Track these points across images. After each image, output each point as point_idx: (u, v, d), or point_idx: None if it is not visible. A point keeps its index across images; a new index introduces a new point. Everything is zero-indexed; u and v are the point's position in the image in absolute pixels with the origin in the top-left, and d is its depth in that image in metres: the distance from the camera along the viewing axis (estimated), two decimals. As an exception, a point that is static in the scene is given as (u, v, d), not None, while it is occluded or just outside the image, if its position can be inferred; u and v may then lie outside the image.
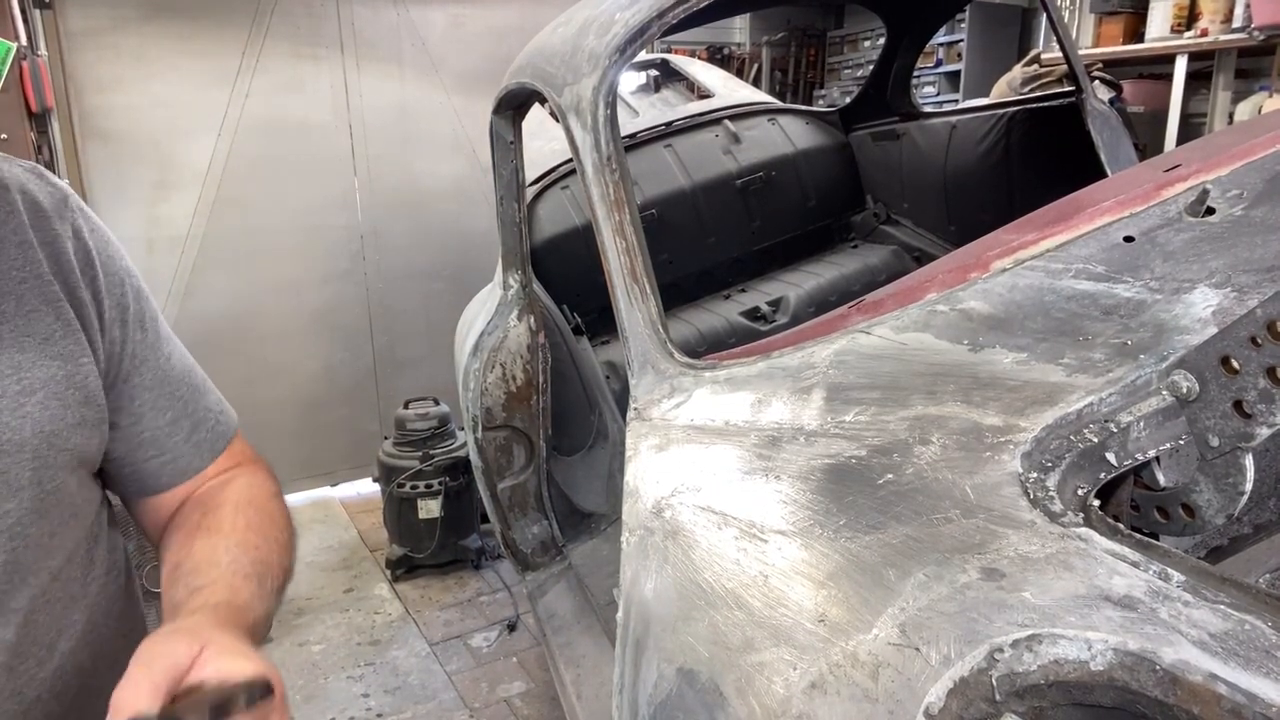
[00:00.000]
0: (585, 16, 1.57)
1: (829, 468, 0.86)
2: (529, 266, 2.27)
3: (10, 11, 3.08)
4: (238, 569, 0.80)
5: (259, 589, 0.80)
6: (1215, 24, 4.69)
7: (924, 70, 7.11)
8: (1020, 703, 0.58)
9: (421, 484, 3.22)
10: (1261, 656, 0.51)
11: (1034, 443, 0.75)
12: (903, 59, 3.08)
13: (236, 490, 0.92)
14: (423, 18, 3.90)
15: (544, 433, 2.31)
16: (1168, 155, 1.51)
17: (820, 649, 0.70)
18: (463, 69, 3.99)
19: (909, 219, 3.27)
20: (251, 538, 0.85)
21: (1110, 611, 0.57)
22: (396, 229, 4.02)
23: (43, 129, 3.29)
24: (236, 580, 0.79)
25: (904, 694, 0.62)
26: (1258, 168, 1.07)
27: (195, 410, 0.92)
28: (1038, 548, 0.65)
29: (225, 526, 0.85)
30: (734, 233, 3.21)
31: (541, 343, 2.26)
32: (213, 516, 0.87)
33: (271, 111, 3.68)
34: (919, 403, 0.87)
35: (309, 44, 3.71)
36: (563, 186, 2.95)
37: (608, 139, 1.36)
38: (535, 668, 2.79)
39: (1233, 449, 0.67)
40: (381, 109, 3.89)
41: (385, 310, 4.08)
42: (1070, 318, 0.91)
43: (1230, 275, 0.87)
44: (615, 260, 1.31)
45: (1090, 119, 2.27)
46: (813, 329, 1.14)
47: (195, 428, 0.92)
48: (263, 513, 0.90)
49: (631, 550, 1.00)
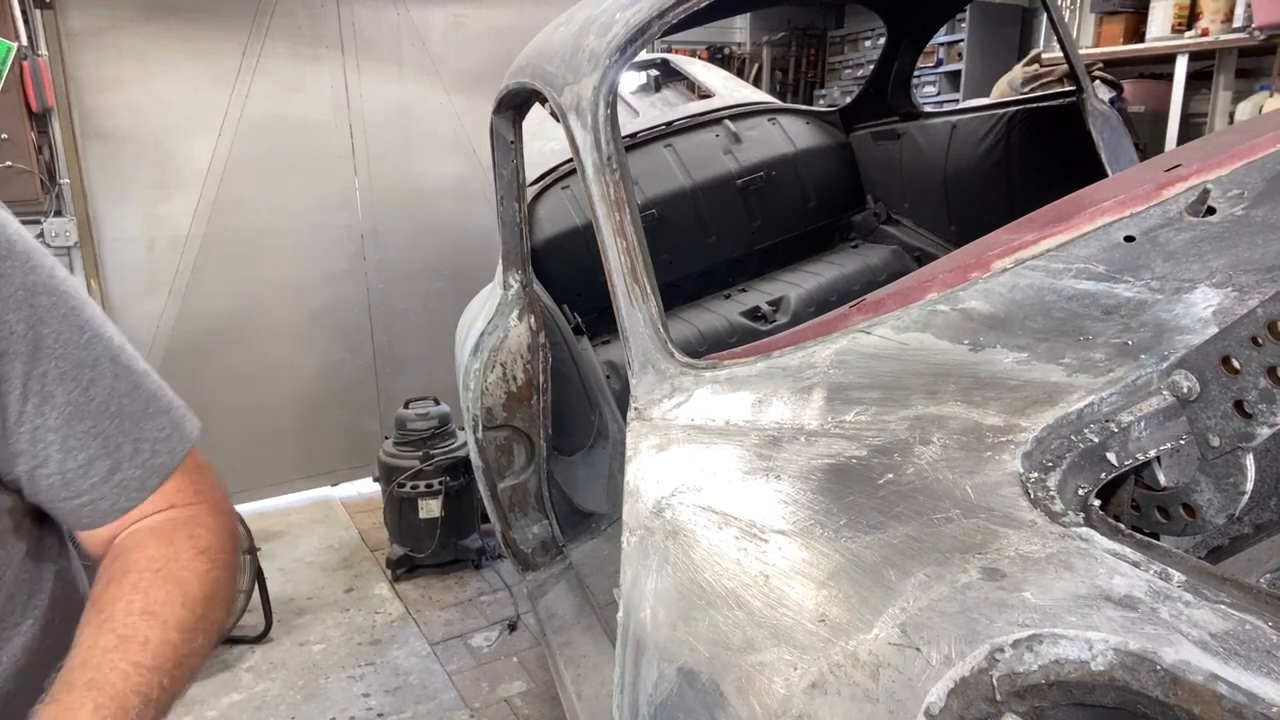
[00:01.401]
0: (586, 16, 1.57)
1: (829, 467, 0.86)
2: (529, 266, 2.27)
3: (10, 11, 3.08)
4: (113, 666, 0.72)
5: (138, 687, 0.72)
6: (1216, 24, 4.69)
7: (924, 70, 7.11)
8: (1021, 703, 0.58)
9: (422, 484, 3.22)
10: (1262, 656, 0.51)
11: (1035, 442, 0.75)
12: (903, 59, 3.08)
13: (146, 558, 0.82)
14: (423, 18, 3.90)
15: (544, 432, 2.31)
16: (1168, 155, 1.51)
17: (821, 649, 0.70)
18: (463, 69, 3.99)
19: (909, 219, 3.27)
20: (141, 627, 0.76)
21: (1111, 611, 0.57)
22: (396, 228, 4.02)
23: (43, 129, 3.30)
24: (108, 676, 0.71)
25: (905, 694, 0.62)
26: (1258, 167, 1.07)
27: (120, 446, 0.82)
28: (1038, 548, 0.65)
29: (118, 607, 0.77)
30: (734, 232, 3.21)
31: (542, 342, 2.26)
32: (110, 592, 0.79)
33: (272, 111, 3.68)
34: (919, 402, 0.87)
35: (309, 44, 3.71)
36: (563, 186, 2.95)
37: (608, 139, 1.35)
38: (536, 667, 2.79)
39: (1233, 449, 0.67)
40: (381, 109, 3.89)
41: (385, 310, 4.08)
42: (1071, 317, 0.91)
43: (1231, 275, 0.87)
44: (616, 260, 1.31)
45: (1091, 119, 2.27)
46: (813, 329, 1.14)
47: (116, 467, 0.82)
48: (170, 588, 0.80)
49: (632, 550, 1.00)
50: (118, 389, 0.83)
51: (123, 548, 0.83)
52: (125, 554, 0.82)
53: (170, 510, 0.86)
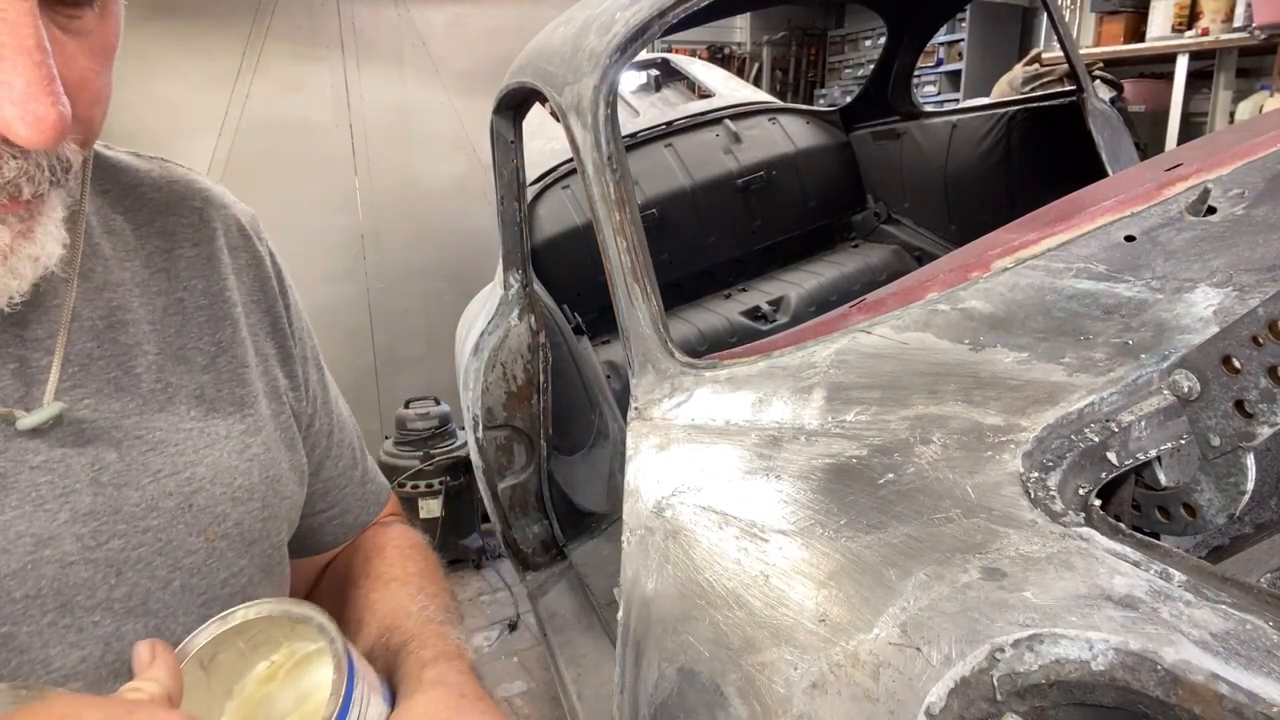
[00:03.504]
0: (586, 16, 1.56)
1: (830, 467, 0.86)
2: (529, 266, 2.27)
3: (10, 11, 3.08)
4: (429, 616, 0.70)
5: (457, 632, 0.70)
6: (1216, 23, 4.69)
7: (925, 69, 7.11)
8: (1021, 702, 0.58)
9: (422, 483, 3.22)
10: (1263, 656, 0.51)
11: (1035, 442, 0.75)
12: (903, 58, 3.07)
13: (396, 535, 0.82)
14: (423, 17, 3.90)
15: (544, 432, 2.31)
16: (1169, 154, 1.51)
17: (821, 649, 0.70)
18: (463, 69, 3.99)
19: (909, 218, 3.27)
20: (429, 585, 0.76)
21: (1111, 611, 0.57)
22: (397, 228, 4.02)
23: (43, 129, 3.29)
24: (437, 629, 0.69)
25: (905, 694, 0.62)
26: (1259, 167, 1.07)
27: (364, 454, 0.82)
28: (1039, 547, 0.65)
29: (398, 572, 0.76)
30: (735, 232, 3.21)
31: (542, 342, 2.26)
32: (379, 563, 0.77)
33: (271, 111, 3.68)
34: (920, 402, 0.87)
35: (309, 44, 3.71)
36: (563, 186, 2.95)
37: (608, 138, 1.35)
38: (536, 667, 2.78)
39: (1234, 448, 0.67)
40: (382, 108, 3.89)
41: (385, 310, 4.08)
42: (1071, 317, 0.91)
43: (1231, 274, 0.87)
44: (616, 260, 1.31)
45: (1091, 118, 2.27)
46: (813, 328, 1.14)
47: (364, 476, 0.82)
48: (428, 560, 0.81)
49: (632, 550, 1.00)
50: (345, 403, 0.81)
51: (361, 538, 0.82)
52: (370, 538, 0.81)
53: (391, 517, 0.85)
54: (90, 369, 0.58)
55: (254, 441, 0.65)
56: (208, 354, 0.65)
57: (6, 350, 0.54)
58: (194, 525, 0.59)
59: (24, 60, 0.42)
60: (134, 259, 0.64)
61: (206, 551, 0.60)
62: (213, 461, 0.62)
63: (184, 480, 0.60)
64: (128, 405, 0.59)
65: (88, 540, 0.54)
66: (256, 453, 0.65)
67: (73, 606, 0.53)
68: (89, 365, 0.58)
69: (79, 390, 0.57)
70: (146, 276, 0.65)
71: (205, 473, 0.61)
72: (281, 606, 0.58)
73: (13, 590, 0.51)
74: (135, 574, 0.56)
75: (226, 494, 0.62)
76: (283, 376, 0.72)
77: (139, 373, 0.60)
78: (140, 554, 0.57)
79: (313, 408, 0.76)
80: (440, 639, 0.67)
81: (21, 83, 0.42)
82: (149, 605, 0.57)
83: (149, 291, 0.64)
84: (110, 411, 0.58)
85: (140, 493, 0.57)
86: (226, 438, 0.63)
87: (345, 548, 0.83)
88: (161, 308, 0.64)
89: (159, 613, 0.57)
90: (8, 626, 0.51)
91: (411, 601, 0.72)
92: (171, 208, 0.69)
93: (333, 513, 0.80)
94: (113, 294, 0.61)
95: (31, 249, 0.50)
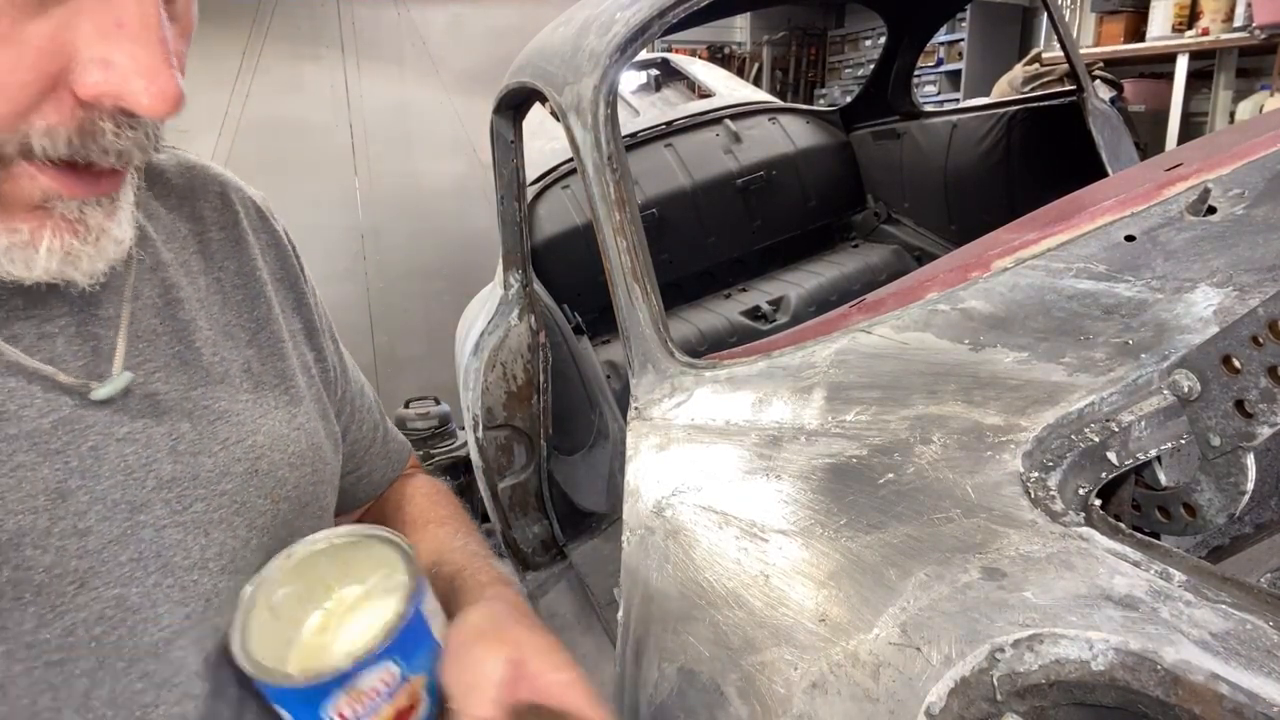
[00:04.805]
0: (586, 16, 1.56)
1: (830, 467, 0.86)
2: (529, 266, 2.26)
3: (11, 11, 3.08)
4: (474, 550, 0.74)
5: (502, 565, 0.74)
6: (1216, 23, 4.69)
7: (925, 69, 7.11)
8: (1021, 702, 0.58)
9: (422, 483, 3.22)
10: (1263, 656, 0.51)
11: (1035, 442, 0.75)
12: (903, 58, 3.07)
13: (422, 484, 0.86)
14: (423, 17, 3.90)
15: (544, 432, 2.31)
16: (1169, 154, 1.51)
17: (821, 649, 0.70)
18: (463, 69, 3.99)
19: (910, 218, 3.27)
20: (462, 526, 0.80)
21: (1111, 611, 0.57)
22: (397, 228, 4.02)
23: (43, 129, 3.29)
24: (484, 562, 0.73)
25: (905, 694, 0.62)
26: (1259, 166, 1.07)
27: (383, 414, 0.86)
28: (1039, 547, 0.65)
29: (432, 515, 0.81)
30: (734, 232, 3.21)
31: (542, 342, 2.26)
32: (411, 509, 0.82)
33: (271, 111, 3.68)
34: (920, 402, 0.87)
35: (309, 44, 3.71)
36: (563, 186, 2.94)
37: (608, 138, 1.35)
38: (536, 667, 2.78)
39: (1234, 448, 0.67)
40: (382, 109, 3.89)
41: (385, 309, 4.08)
42: (1071, 317, 0.91)
43: (1232, 274, 0.87)
44: (616, 259, 1.31)
45: (1091, 118, 2.27)
46: (813, 328, 1.14)
47: (387, 435, 0.86)
48: (454, 505, 0.84)
49: (632, 550, 1.00)
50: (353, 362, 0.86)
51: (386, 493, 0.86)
52: (397, 489, 0.86)
53: (412, 470, 0.90)
54: (156, 344, 0.61)
55: (298, 412, 0.69)
56: (249, 330, 0.69)
57: (85, 329, 0.58)
58: (261, 489, 0.64)
59: (151, 36, 0.46)
60: (173, 241, 0.67)
61: (273, 514, 0.64)
62: (269, 430, 0.65)
63: (248, 448, 0.63)
64: (193, 378, 0.63)
65: (174, 505, 0.58)
66: (301, 422, 0.69)
67: (172, 567, 0.57)
68: (155, 341, 0.61)
69: (149, 365, 0.60)
70: (187, 257, 0.68)
71: (264, 440, 0.65)
72: (357, 529, 0.65)
73: (118, 554, 0.55)
74: (221, 534, 0.60)
75: (284, 460, 0.66)
76: (309, 350, 0.75)
77: (198, 347, 0.64)
78: (221, 514, 0.61)
79: (336, 377, 0.80)
80: (490, 569, 0.72)
81: (148, 57, 0.46)
82: (236, 564, 0.61)
83: (191, 272, 0.67)
84: (179, 384, 0.61)
85: (213, 459, 0.61)
86: (276, 408, 0.67)
87: (374, 502, 0.87)
88: (204, 286, 0.67)
89: (245, 570, 0.61)
90: (118, 589, 0.55)
91: (452, 539, 0.76)
92: (195, 192, 0.72)
93: (361, 472, 0.84)
94: (165, 273, 0.64)
95: (117, 231, 0.53)
